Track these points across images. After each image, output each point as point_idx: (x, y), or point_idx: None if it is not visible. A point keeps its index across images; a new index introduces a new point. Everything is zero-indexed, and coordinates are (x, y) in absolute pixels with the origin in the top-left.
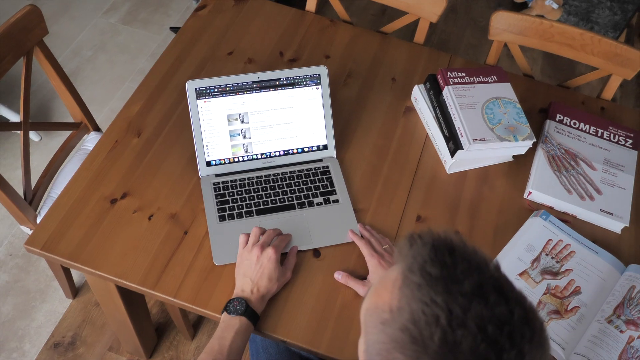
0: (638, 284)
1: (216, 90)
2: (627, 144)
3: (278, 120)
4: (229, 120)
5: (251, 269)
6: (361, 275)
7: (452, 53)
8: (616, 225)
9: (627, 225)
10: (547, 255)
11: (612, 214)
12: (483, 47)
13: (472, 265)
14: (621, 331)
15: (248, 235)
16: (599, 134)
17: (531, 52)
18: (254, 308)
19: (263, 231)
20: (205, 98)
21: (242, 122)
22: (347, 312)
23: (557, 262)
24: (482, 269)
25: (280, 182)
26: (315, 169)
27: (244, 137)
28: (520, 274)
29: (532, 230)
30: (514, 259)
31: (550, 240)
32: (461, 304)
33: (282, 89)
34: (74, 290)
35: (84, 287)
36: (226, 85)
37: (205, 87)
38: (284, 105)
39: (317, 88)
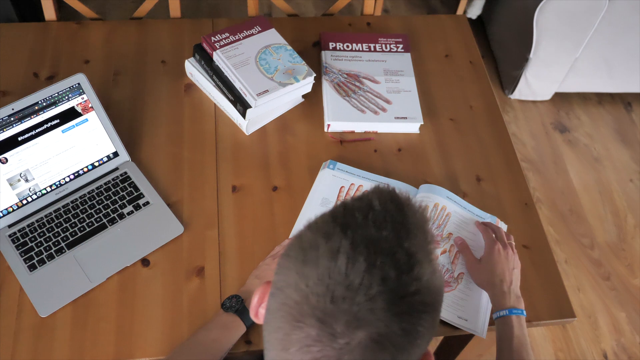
0: (431, 202)
1: None
2: (399, 49)
3: (56, 146)
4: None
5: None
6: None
7: (224, 17)
8: (413, 127)
9: (422, 123)
10: None
11: (406, 118)
12: None
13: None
14: None
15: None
16: (372, 49)
17: None
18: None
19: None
20: None
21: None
22: (197, 305)
23: None
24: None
25: (82, 207)
26: (113, 179)
27: (26, 180)
28: None
29: (323, 183)
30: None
31: (342, 187)
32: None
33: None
34: None
35: None
36: None
37: None
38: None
39: (83, 98)
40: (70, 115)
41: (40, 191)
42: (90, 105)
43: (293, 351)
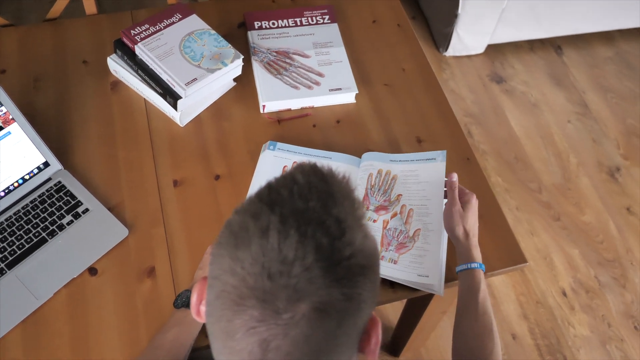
0: (374, 169)
1: None
2: (325, 21)
3: None
4: None
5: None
6: None
7: (149, 7)
8: (349, 97)
9: (358, 92)
10: None
11: (340, 89)
12: None
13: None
14: (374, 221)
15: None
16: (299, 23)
17: None
18: None
19: None
20: None
21: None
22: (152, 305)
23: None
24: None
25: (17, 224)
26: (47, 191)
27: None
28: None
29: (266, 165)
30: None
31: (285, 166)
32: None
33: None
34: None
35: None
36: None
37: None
38: None
39: (1, 110)
40: None
41: None
42: (10, 117)
43: (239, 337)
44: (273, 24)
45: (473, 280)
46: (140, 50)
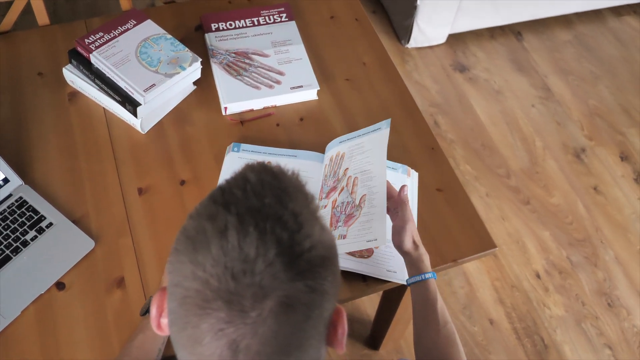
0: (327, 159)
1: None
2: (283, 19)
3: None
4: None
5: None
6: None
7: (105, 14)
8: (311, 94)
9: (319, 88)
10: None
11: (302, 86)
12: None
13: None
14: (324, 206)
15: None
16: (256, 23)
17: None
18: None
19: None
20: None
21: None
22: (123, 316)
23: None
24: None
25: None
26: (8, 207)
27: None
28: None
29: (231, 167)
30: None
31: None
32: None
33: None
34: None
35: None
36: None
37: None
38: None
39: None
40: None
41: None
42: None
43: (207, 341)
44: (230, 25)
45: (428, 291)
46: (95, 59)
